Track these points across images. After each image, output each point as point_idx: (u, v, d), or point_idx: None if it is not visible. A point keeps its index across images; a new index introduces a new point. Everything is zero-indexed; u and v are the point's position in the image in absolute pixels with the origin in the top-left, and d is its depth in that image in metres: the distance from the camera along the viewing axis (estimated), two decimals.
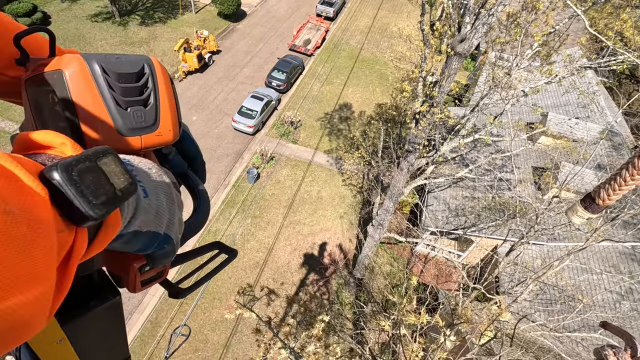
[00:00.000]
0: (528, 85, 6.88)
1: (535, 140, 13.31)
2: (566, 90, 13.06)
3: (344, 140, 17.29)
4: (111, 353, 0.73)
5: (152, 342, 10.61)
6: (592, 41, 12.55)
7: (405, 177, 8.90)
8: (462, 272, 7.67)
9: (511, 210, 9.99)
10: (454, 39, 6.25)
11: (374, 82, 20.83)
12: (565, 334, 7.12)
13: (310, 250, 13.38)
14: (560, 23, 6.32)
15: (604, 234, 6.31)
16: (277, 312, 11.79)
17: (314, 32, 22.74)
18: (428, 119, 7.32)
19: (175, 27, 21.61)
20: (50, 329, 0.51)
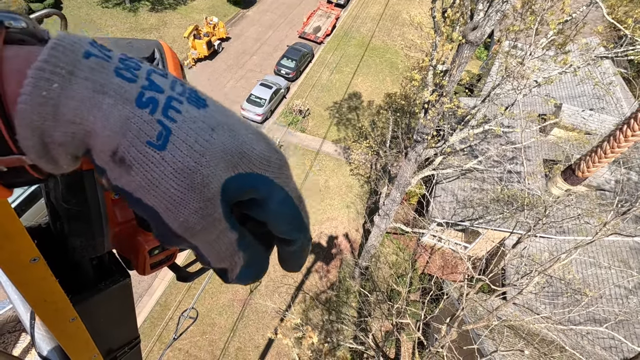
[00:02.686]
0: (541, 75, 6.72)
1: (548, 132, 13.05)
2: (581, 81, 12.75)
3: (352, 130, 17.18)
4: (121, 332, 0.76)
5: (161, 324, 10.90)
6: (610, 30, 12.15)
7: (412, 167, 8.85)
8: (468, 263, 7.66)
9: (519, 203, 9.89)
10: (466, 27, 6.11)
11: (384, 71, 20.53)
12: (570, 327, 7.11)
13: (316, 239, 13.47)
14: (578, 11, 6.13)
15: (614, 228, 6.22)
16: (283, 299, 11.98)
17: (324, 20, 22.39)
18: (437, 108, 7.23)
19: (185, 14, 21.48)
20: (63, 308, 0.53)
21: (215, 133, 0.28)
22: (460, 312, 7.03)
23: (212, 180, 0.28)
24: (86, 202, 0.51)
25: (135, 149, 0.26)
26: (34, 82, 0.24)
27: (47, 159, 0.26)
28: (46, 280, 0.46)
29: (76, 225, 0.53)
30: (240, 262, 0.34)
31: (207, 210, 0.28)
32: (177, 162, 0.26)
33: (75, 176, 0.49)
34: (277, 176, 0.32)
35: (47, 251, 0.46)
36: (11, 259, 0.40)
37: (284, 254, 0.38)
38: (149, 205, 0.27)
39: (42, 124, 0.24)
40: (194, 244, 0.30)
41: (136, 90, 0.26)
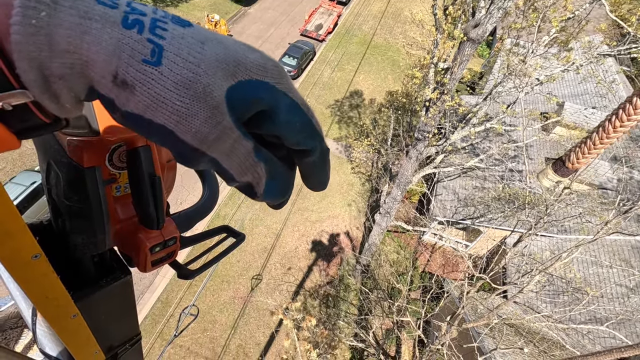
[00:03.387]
0: (544, 73, 6.69)
1: (550, 130, 13.02)
2: (583, 79, 12.70)
3: (353, 128, 17.16)
4: (122, 329, 0.76)
5: (162, 321, 10.94)
6: (614, 27, 12.08)
7: (414, 165, 8.84)
8: (469, 261, 7.66)
9: (521, 201, 9.88)
10: (467, 24, 6.08)
11: (386, 69, 20.48)
12: (571, 326, 7.11)
13: (317, 237, 13.49)
14: (580, 8, 6.09)
15: (615, 227, 6.21)
16: (284, 296, 12.01)
17: (326, 17, 22.33)
18: (439, 106, 7.21)
19: (186, 11, 21.44)
20: (65, 304, 0.53)
21: (205, 45, 0.29)
22: (460, 311, 7.04)
23: (213, 89, 0.28)
24: (88, 200, 0.51)
25: (133, 68, 0.26)
26: (22, 11, 0.24)
27: (49, 95, 0.27)
28: (48, 277, 0.46)
29: (78, 222, 0.53)
30: (263, 174, 0.34)
31: (216, 117, 0.29)
32: (175, 75, 0.27)
33: (77, 173, 0.49)
34: (277, 82, 0.32)
35: (48, 248, 0.46)
36: (13, 256, 0.40)
37: (305, 168, 0.38)
38: (160, 124, 0.28)
39: (39, 55, 0.25)
40: (213, 157, 0.31)
41: (120, 15, 0.27)
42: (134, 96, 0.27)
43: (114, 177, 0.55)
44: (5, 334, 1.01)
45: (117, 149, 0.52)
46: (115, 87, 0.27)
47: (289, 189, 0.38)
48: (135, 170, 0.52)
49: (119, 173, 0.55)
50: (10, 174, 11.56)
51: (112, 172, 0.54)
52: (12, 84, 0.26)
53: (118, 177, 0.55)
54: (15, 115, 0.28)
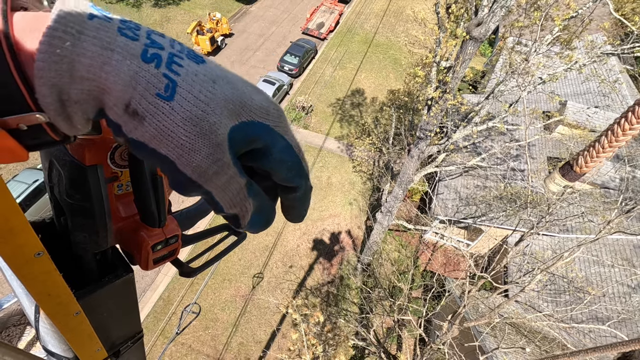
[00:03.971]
0: (546, 72, 6.66)
1: (552, 129, 12.97)
2: (586, 78, 12.64)
3: (355, 127, 17.14)
4: (124, 327, 0.76)
5: (164, 318, 10.98)
6: (617, 26, 12.02)
7: (415, 164, 8.83)
8: (470, 260, 7.65)
9: (523, 201, 9.85)
10: (470, 23, 6.06)
11: (388, 67, 20.43)
12: (572, 325, 7.10)
13: (319, 236, 13.50)
14: (584, 7, 6.06)
15: (617, 227, 6.19)
16: (285, 294, 12.03)
17: (328, 15, 22.29)
18: (441, 105, 7.20)
19: (188, 10, 21.43)
20: (67, 302, 0.53)
21: (216, 84, 0.30)
22: (462, 310, 7.04)
23: (219, 127, 0.30)
24: (90, 198, 0.51)
25: (146, 100, 0.28)
26: (49, 40, 0.25)
27: (63, 117, 0.28)
28: (50, 275, 0.46)
29: (80, 220, 0.53)
30: (250, 208, 0.36)
31: (217, 154, 0.30)
32: (185, 111, 0.28)
33: (79, 171, 0.49)
34: (276, 125, 0.34)
35: (51, 246, 0.46)
36: (16, 253, 0.40)
37: (287, 202, 0.41)
38: (163, 155, 0.29)
39: (60, 81, 0.26)
40: (208, 190, 0.32)
41: (140, 47, 0.28)
42: (142, 126, 0.28)
43: (116, 175, 0.55)
44: (8, 330, 1.02)
45: (119, 147, 0.52)
46: (126, 115, 0.28)
47: (270, 221, 0.41)
48: (137, 169, 0.52)
49: (120, 171, 0.55)
50: (13, 172, 11.61)
51: (114, 170, 0.54)
52: (30, 107, 0.27)
53: (120, 176, 0.56)
54: (29, 133, 0.29)
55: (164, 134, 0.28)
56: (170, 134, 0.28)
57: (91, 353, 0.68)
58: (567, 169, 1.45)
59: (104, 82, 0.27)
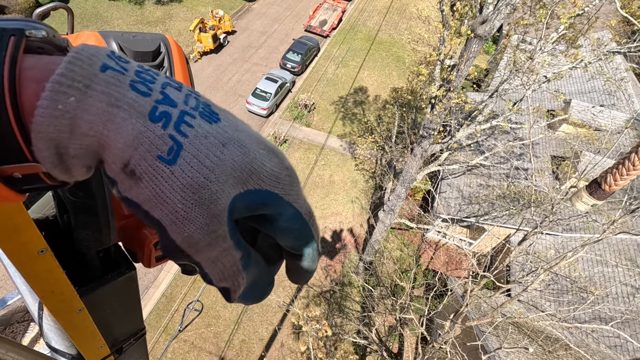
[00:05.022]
0: (551, 70, 6.61)
1: (556, 128, 12.89)
2: (592, 77, 12.54)
3: (357, 125, 17.11)
4: (127, 324, 0.77)
5: (167, 315, 11.04)
6: (623, 24, 11.89)
7: (418, 163, 8.80)
8: (473, 259, 7.63)
9: (526, 200, 9.81)
10: (474, 21, 6.02)
11: (391, 65, 20.36)
12: (575, 324, 7.07)
13: (321, 234, 13.48)
14: (590, 4, 6.00)
15: (622, 226, 6.15)
16: (288, 292, 12.06)
17: (331, 13, 22.21)
18: (444, 103, 7.16)
19: (190, 7, 21.43)
20: (70, 299, 0.53)
21: (226, 149, 0.28)
22: (464, 309, 7.03)
23: (220, 197, 0.28)
24: (93, 196, 0.51)
25: (146, 162, 0.26)
26: (51, 95, 0.24)
27: (61, 169, 0.27)
28: (53, 272, 0.47)
29: (83, 218, 0.53)
30: (243, 282, 0.34)
31: (213, 226, 0.28)
32: (186, 177, 0.26)
33: None
34: (286, 193, 0.32)
35: (54, 243, 0.46)
36: (20, 251, 0.40)
37: (292, 267, 0.39)
38: (155, 218, 0.27)
39: (58, 136, 0.25)
40: (197, 261, 0.30)
41: (150, 104, 0.27)
42: (137, 187, 0.27)
43: None
44: (12, 327, 1.02)
45: None
46: (123, 174, 0.27)
47: (266, 294, 0.39)
48: None
49: None
50: None
51: None
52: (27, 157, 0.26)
53: None
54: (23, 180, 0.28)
55: (159, 198, 0.27)
56: (165, 199, 0.26)
57: (94, 350, 0.68)
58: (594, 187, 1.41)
59: (105, 138, 0.26)
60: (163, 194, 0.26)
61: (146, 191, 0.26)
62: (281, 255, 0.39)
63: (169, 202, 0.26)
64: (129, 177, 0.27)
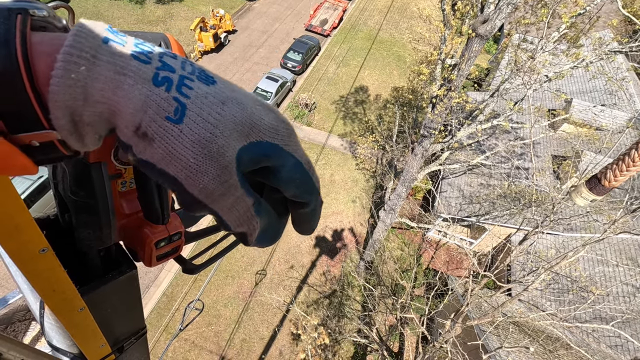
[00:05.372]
0: (552, 69, 6.60)
1: (557, 127, 12.87)
2: (593, 76, 12.52)
3: (358, 124, 17.10)
4: (128, 322, 0.77)
5: (168, 314, 11.06)
6: (625, 24, 11.86)
7: (419, 162, 8.80)
8: (473, 259, 7.63)
9: (527, 199, 9.80)
10: (476, 20, 6.01)
11: (392, 64, 20.34)
12: (575, 324, 7.07)
13: (321, 233, 13.51)
14: (592, 4, 5.99)
15: (623, 226, 6.14)
16: (288, 292, 12.07)
17: (331, 12, 22.19)
18: (445, 103, 7.16)
19: (191, 6, 21.42)
20: (71, 298, 0.54)
21: (225, 106, 0.31)
22: (464, 308, 7.03)
23: (227, 150, 0.30)
24: (94, 195, 0.51)
25: (156, 123, 0.28)
26: (64, 65, 0.26)
27: (76, 137, 0.29)
28: (55, 271, 0.47)
29: (84, 217, 0.53)
30: (257, 226, 0.37)
31: (224, 176, 0.31)
32: (194, 134, 0.29)
33: (83, 168, 0.49)
34: (286, 144, 0.35)
35: (55, 242, 0.47)
36: (21, 250, 0.41)
37: (297, 216, 0.42)
38: (171, 175, 0.30)
39: (73, 104, 0.27)
40: (215, 209, 0.33)
41: (152, 71, 0.29)
42: (151, 148, 0.29)
43: (120, 172, 0.55)
44: (14, 326, 1.03)
45: None
46: (136, 137, 0.29)
47: (278, 237, 0.42)
48: None
49: (124, 168, 0.55)
50: None
51: (118, 167, 0.54)
52: (44, 125, 0.28)
53: (124, 173, 0.56)
54: (40, 149, 0.30)
55: (173, 155, 0.29)
56: (178, 156, 0.29)
57: (95, 348, 0.68)
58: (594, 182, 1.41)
59: (116, 105, 0.28)
60: (175, 151, 0.29)
61: (159, 150, 0.29)
62: (287, 209, 0.42)
63: (182, 158, 0.29)
64: (142, 139, 0.29)
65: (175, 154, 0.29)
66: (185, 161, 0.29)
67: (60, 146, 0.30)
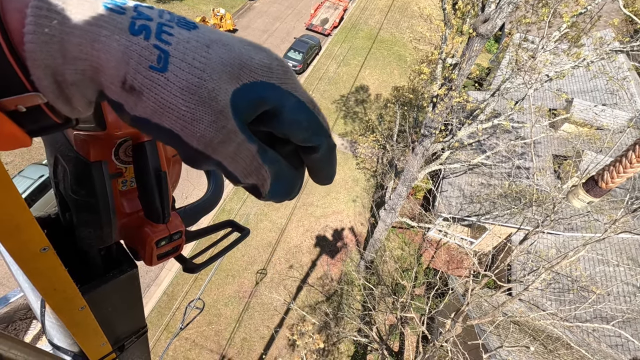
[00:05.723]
0: (553, 69, 6.59)
1: (558, 127, 12.86)
2: (594, 76, 12.50)
3: (359, 124, 17.09)
4: (128, 321, 0.77)
5: (168, 313, 11.08)
6: (626, 23, 11.82)
7: (419, 162, 8.79)
8: (474, 258, 7.63)
9: (527, 199, 9.80)
10: (476, 19, 6.00)
11: (392, 63, 20.32)
12: (576, 324, 7.06)
13: (322, 233, 13.51)
14: (593, 3, 5.97)
15: (624, 226, 6.13)
16: (288, 291, 12.08)
17: (332, 11, 22.17)
18: (446, 102, 7.15)
19: (192, 5, 21.42)
20: (72, 297, 0.54)
21: (210, 49, 0.29)
22: (465, 307, 7.03)
23: (218, 93, 0.29)
24: (94, 194, 0.51)
25: (141, 74, 0.27)
26: (35, 20, 0.25)
27: (62, 99, 0.28)
28: (56, 270, 0.47)
29: (84, 216, 0.54)
30: (267, 175, 0.34)
31: (220, 122, 0.29)
32: (181, 80, 0.28)
33: (84, 167, 0.49)
34: (282, 82, 0.32)
35: (56, 241, 0.47)
36: (22, 248, 0.41)
37: (312, 164, 0.38)
38: (167, 128, 0.29)
39: (52, 62, 0.26)
40: (218, 160, 0.31)
41: (127, 21, 0.28)
42: (141, 101, 0.28)
43: (120, 171, 0.55)
44: (15, 324, 1.03)
45: (123, 144, 0.52)
46: (124, 92, 0.28)
47: (294, 189, 0.38)
48: (141, 165, 0.52)
49: (125, 167, 0.55)
50: (19, 167, 11.71)
51: (119, 166, 0.54)
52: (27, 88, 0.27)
53: (124, 172, 0.56)
54: (29, 116, 0.28)
55: (164, 106, 0.28)
56: (170, 105, 0.28)
57: (96, 347, 0.69)
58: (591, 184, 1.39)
59: (97, 60, 0.27)
60: (165, 100, 0.28)
61: (150, 102, 0.28)
62: (301, 161, 0.39)
63: (174, 108, 0.28)
64: (130, 94, 0.28)
65: (166, 104, 0.28)
66: (177, 110, 0.28)
67: (49, 112, 0.29)
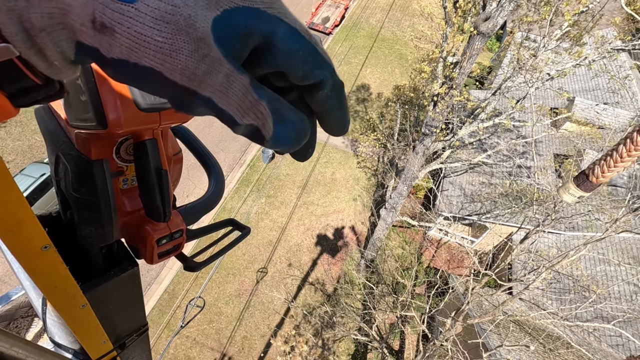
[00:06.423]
0: (555, 67, 6.57)
1: (559, 126, 12.83)
2: (596, 74, 12.46)
3: (360, 122, 17.08)
4: (129, 319, 0.77)
5: (169, 312, 11.11)
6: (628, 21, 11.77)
7: (420, 160, 8.79)
8: (474, 257, 7.63)
9: (528, 198, 9.79)
10: (477, 18, 5.99)
11: (393, 62, 20.29)
12: (576, 323, 7.07)
13: (322, 231, 13.52)
14: (595, 1, 5.95)
15: (625, 225, 6.12)
16: (289, 290, 12.10)
17: (333, 10, 22.12)
18: (447, 101, 7.14)
19: None
20: (73, 294, 0.54)
21: None
22: (465, 306, 7.03)
23: (196, 20, 0.26)
24: (96, 192, 0.51)
25: (109, 8, 0.25)
26: None
27: (35, 50, 0.26)
28: (57, 268, 0.47)
29: (86, 214, 0.54)
30: (267, 113, 0.30)
31: (202, 49, 0.27)
32: (152, 9, 0.25)
33: (85, 166, 0.49)
34: (269, 6, 0.29)
35: (57, 239, 0.47)
36: (23, 246, 0.41)
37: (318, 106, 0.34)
38: (147, 67, 0.27)
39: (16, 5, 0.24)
40: (207, 96, 0.28)
41: None
42: (115, 40, 0.26)
43: (121, 169, 0.55)
44: (16, 322, 1.03)
45: (124, 142, 0.52)
46: (97, 33, 0.26)
47: (302, 134, 0.33)
48: (142, 164, 0.52)
49: (126, 166, 0.55)
50: (20, 165, 11.74)
51: (120, 165, 0.54)
52: None
53: (125, 170, 0.56)
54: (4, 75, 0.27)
55: (139, 40, 0.25)
56: (144, 39, 0.25)
57: (97, 345, 0.69)
58: (582, 179, 1.38)
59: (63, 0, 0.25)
60: (139, 34, 0.25)
61: (124, 39, 0.26)
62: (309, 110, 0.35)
63: (149, 41, 0.26)
64: (102, 33, 0.26)
65: (141, 37, 0.25)
66: (154, 43, 0.25)
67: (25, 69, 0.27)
